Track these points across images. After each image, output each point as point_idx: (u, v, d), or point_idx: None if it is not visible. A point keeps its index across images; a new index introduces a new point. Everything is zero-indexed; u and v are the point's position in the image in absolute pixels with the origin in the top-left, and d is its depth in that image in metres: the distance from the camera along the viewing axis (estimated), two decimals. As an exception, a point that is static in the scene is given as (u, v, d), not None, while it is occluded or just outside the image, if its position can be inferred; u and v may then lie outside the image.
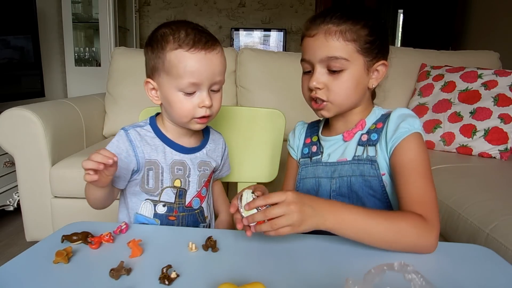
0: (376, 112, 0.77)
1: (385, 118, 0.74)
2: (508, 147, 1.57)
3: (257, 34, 3.89)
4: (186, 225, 0.81)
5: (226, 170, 0.96)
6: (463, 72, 1.78)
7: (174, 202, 0.79)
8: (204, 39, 0.71)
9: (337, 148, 0.78)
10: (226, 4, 3.93)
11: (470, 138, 1.62)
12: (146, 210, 0.79)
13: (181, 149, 0.80)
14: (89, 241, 0.62)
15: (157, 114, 0.84)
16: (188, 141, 0.82)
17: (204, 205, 0.84)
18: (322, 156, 0.80)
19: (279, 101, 1.97)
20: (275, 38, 3.88)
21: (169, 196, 0.78)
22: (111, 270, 0.52)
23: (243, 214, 0.61)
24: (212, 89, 0.74)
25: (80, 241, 0.62)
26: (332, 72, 0.70)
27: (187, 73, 0.70)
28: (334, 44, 0.68)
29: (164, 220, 0.79)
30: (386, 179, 0.72)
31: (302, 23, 3.13)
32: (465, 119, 1.65)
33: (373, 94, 0.81)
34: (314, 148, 0.82)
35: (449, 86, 1.78)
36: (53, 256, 0.56)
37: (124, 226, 0.68)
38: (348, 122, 0.77)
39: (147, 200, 0.79)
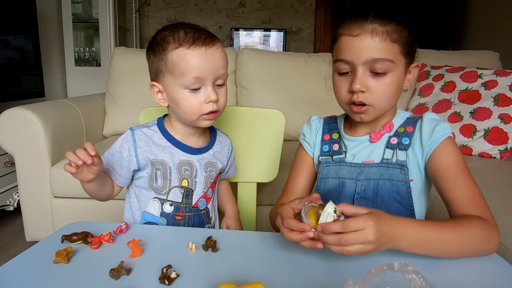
0: (402, 115, 0.76)
1: (413, 122, 0.73)
2: (508, 147, 1.57)
3: (257, 34, 3.89)
4: (192, 225, 0.82)
5: (233, 171, 0.97)
6: (463, 72, 1.78)
7: (181, 202, 0.80)
8: (203, 35, 0.72)
9: (362, 149, 0.75)
10: (226, 4, 3.93)
11: (470, 138, 1.62)
12: (154, 208, 0.79)
13: (188, 150, 0.80)
14: (89, 241, 0.62)
15: (165, 115, 0.84)
16: (195, 142, 0.82)
17: (209, 206, 0.84)
18: (346, 156, 0.77)
19: (279, 101, 1.97)
20: (275, 38, 3.88)
21: (176, 195, 0.79)
22: (111, 270, 0.52)
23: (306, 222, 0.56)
24: (216, 83, 0.75)
25: (80, 241, 0.62)
26: (376, 74, 0.67)
27: (189, 69, 0.71)
28: (381, 45, 0.65)
29: (170, 219, 0.79)
30: (413, 185, 0.72)
31: (302, 23, 3.13)
32: (465, 119, 1.65)
33: None
34: (336, 147, 0.79)
35: (449, 86, 1.78)
36: (53, 256, 0.56)
37: (124, 226, 0.68)
38: (375, 124, 0.75)
39: (155, 199, 0.79)
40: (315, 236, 0.54)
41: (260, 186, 1.08)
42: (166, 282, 0.50)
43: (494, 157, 1.58)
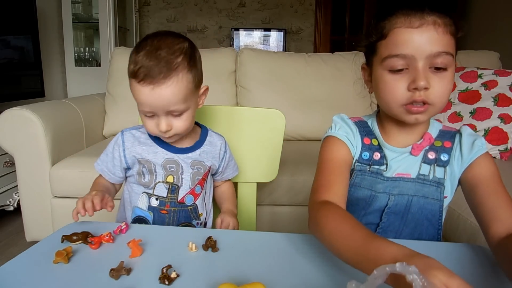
0: (435, 125, 0.71)
1: (450, 136, 0.71)
2: (508, 147, 1.57)
3: (257, 34, 3.89)
4: (178, 220, 0.84)
5: (231, 172, 0.96)
6: (463, 72, 1.78)
7: (166, 197, 0.83)
8: (157, 71, 0.69)
9: (400, 161, 0.70)
10: (226, 4, 3.93)
11: (470, 138, 1.62)
12: (142, 202, 0.84)
13: (172, 149, 0.83)
14: (89, 241, 0.62)
15: None
16: (180, 143, 0.84)
17: (198, 202, 0.86)
18: (386, 169, 0.70)
19: (279, 101, 1.97)
20: (275, 38, 3.88)
21: (161, 190, 0.83)
22: (111, 270, 0.52)
23: None
24: (172, 114, 0.75)
25: (80, 241, 0.62)
26: (436, 70, 0.61)
27: (138, 102, 0.74)
28: (444, 37, 0.60)
29: (156, 213, 0.83)
30: (445, 203, 0.70)
31: (302, 23, 3.13)
32: (465, 119, 1.65)
33: None
34: (377, 156, 0.71)
35: (449, 86, 1.78)
36: (53, 256, 0.56)
37: (124, 226, 0.68)
38: (412, 133, 0.70)
39: (143, 193, 0.84)
40: None
41: (260, 186, 1.08)
42: (166, 282, 0.50)
43: (494, 157, 1.58)
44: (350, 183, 0.72)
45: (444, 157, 0.69)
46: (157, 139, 0.83)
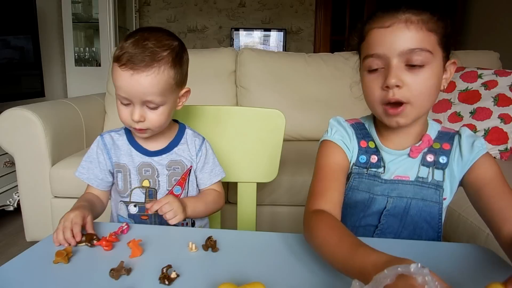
0: (434, 127, 0.71)
1: (449, 138, 0.70)
2: (508, 147, 1.57)
3: (257, 34, 3.89)
4: (160, 224, 0.82)
5: (209, 178, 0.88)
6: (463, 72, 1.78)
7: (145, 202, 0.81)
8: (140, 58, 0.70)
9: (398, 163, 0.70)
10: (226, 4, 3.93)
11: (470, 138, 1.62)
12: (122, 210, 0.83)
13: (146, 152, 0.83)
14: (94, 244, 0.62)
15: None
16: (155, 144, 0.83)
17: None
18: (384, 172, 0.70)
19: (279, 101, 1.97)
20: (275, 38, 3.88)
21: (138, 196, 0.82)
22: (111, 270, 0.52)
23: None
24: (147, 105, 0.75)
25: (84, 243, 0.62)
26: (412, 67, 0.60)
27: (116, 86, 0.73)
28: (417, 34, 0.60)
29: (137, 219, 0.82)
30: (445, 205, 0.69)
31: (302, 23, 3.13)
32: (465, 119, 1.65)
33: None
34: (374, 159, 0.71)
35: (449, 86, 1.78)
36: (53, 256, 0.56)
37: (125, 226, 0.68)
38: (409, 134, 0.69)
39: (121, 202, 0.83)
40: None
41: (260, 186, 1.08)
42: (166, 282, 0.50)
43: (494, 157, 1.57)
44: (348, 186, 0.72)
45: (443, 159, 0.68)
46: (133, 142, 0.83)
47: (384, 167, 0.70)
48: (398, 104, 0.62)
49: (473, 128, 1.62)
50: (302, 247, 0.63)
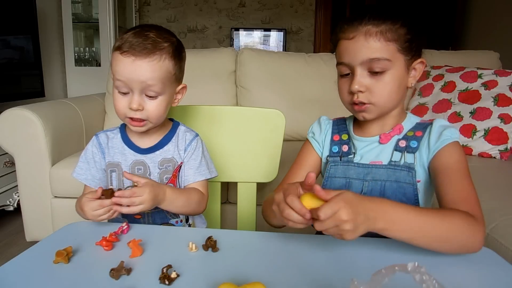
0: (412, 119, 0.76)
1: (423, 127, 0.74)
2: (508, 147, 1.57)
3: (257, 34, 3.89)
4: (153, 222, 0.83)
5: (193, 174, 0.85)
6: (463, 72, 1.78)
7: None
8: (142, 46, 0.72)
9: (371, 150, 0.76)
10: (226, 4, 3.93)
11: (470, 138, 1.62)
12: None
13: (138, 150, 0.83)
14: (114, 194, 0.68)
15: None
16: (148, 142, 0.84)
17: None
18: (354, 157, 0.77)
19: (279, 101, 1.97)
20: (275, 38, 3.88)
21: None
22: (111, 270, 0.52)
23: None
24: (147, 94, 0.75)
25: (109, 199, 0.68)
26: (374, 73, 0.68)
27: (116, 72, 0.74)
28: (375, 45, 0.67)
29: (131, 219, 0.82)
30: (420, 186, 0.72)
31: (302, 23, 3.13)
32: (465, 119, 1.65)
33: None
34: (345, 148, 0.79)
35: (449, 86, 1.78)
36: (53, 256, 0.56)
37: (126, 226, 0.68)
38: (384, 125, 0.76)
39: None
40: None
41: (260, 186, 1.08)
42: (166, 282, 0.50)
43: (494, 157, 1.58)
44: (326, 176, 0.79)
45: (413, 144, 0.73)
46: (126, 140, 0.83)
47: (355, 153, 0.78)
48: (362, 103, 0.70)
49: (473, 128, 1.62)
50: (302, 247, 0.63)
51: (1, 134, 1.45)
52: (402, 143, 0.73)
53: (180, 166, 0.85)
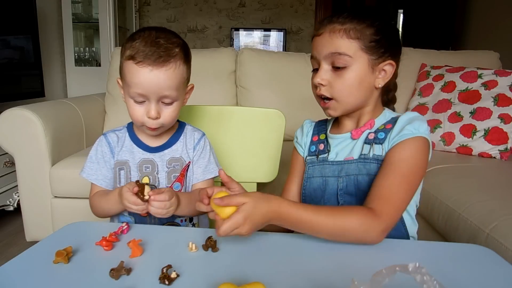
0: (387, 115, 0.77)
1: (394, 120, 0.74)
2: (508, 147, 1.57)
3: (257, 34, 3.89)
4: (159, 220, 0.83)
5: (202, 173, 0.86)
6: (463, 72, 1.78)
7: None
8: (157, 54, 0.72)
9: (344, 147, 0.78)
10: (226, 4, 3.93)
11: (470, 138, 1.62)
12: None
13: (147, 149, 0.83)
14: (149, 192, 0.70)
15: None
16: (157, 141, 0.84)
17: None
18: (328, 155, 0.79)
19: (279, 101, 1.97)
20: (275, 38, 3.88)
21: None
22: (111, 270, 0.52)
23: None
24: (162, 101, 0.76)
25: (145, 195, 0.71)
26: (336, 69, 0.71)
27: (133, 83, 0.73)
28: (338, 41, 0.70)
29: (137, 217, 0.82)
30: None
31: (302, 23, 3.14)
32: (465, 119, 1.65)
33: (392, 99, 0.83)
34: (321, 146, 0.82)
35: (449, 86, 1.78)
36: (53, 256, 0.56)
37: (125, 226, 0.68)
38: (358, 122, 0.78)
39: None
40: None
41: (260, 186, 1.08)
42: (166, 282, 0.50)
43: (494, 157, 1.58)
44: (305, 177, 0.82)
45: (381, 135, 0.74)
46: (135, 139, 0.84)
47: (329, 151, 0.80)
48: (326, 98, 0.74)
49: (473, 128, 1.62)
50: (302, 247, 0.63)
51: (1, 134, 1.45)
52: (371, 136, 0.75)
53: (188, 166, 0.86)
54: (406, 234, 0.75)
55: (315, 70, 0.75)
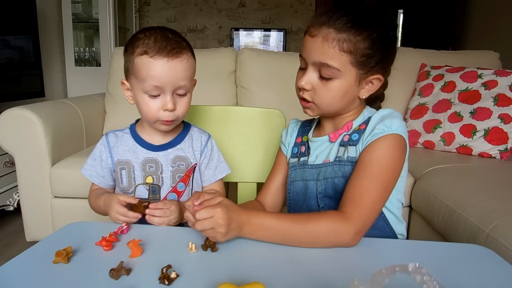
0: (365, 114, 0.76)
1: (368, 120, 0.73)
2: (508, 147, 1.57)
3: (257, 34, 3.89)
4: None
5: (213, 174, 0.88)
6: (463, 72, 1.78)
7: (148, 198, 0.82)
8: (170, 47, 0.73)
9: (323, 150, 0.78)
10: (226, 4, 3.93)
11: (470, 138, 1.62)
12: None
13: (151, 147, 0.83)
14: (148, 207, 0.72)
15: None
16: (161, 139, 0.84)
17: (183, 200, 0.84)
18: (309, 158, 0.79)
19: (279, 101, 1.96)
20: (275, 38, 3.88)
21: (142, 192, 0.82)
22: (111, 270, 0.52)
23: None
24: (177, 93, 0.77)
25: (141, 212, 0.72)
26: (322, 77, 0.69)
27: (149, 77, 0.73)
28: (329, 52, 0.67)
29: (142, 217, 0.80)
30: None
31: (302, 23, 3.14)
32: (465, 119, 1.65)
33: (381, 96, 0.80)
34: (303, 149, 0.82)
35: (449, 86, 1.78)
36: (53, 256, 0.56)
37: (125, 226, 0.68)
38: (338, 125, 0.77)
39: None
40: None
41: (260, 186, 1.08)
42: (166, 282, 0.50)
43: (494, 157, 1.58)
44: (289, 180, 0.82)
45: (354, 137, 0.73)
46: (138, 138, 0.84)
47: (309, 154, 0.80)
48: (306, 100, 0.73)
49: (473, 128, 1.62)
50: (302, 247, 0.63)
51: (1, 134, 1.45)
52: (346, 138, 0.74)
53: (194, 168, 0.86)
54: (392, 233, 0.75)
55: (302, 69, 0.74)
